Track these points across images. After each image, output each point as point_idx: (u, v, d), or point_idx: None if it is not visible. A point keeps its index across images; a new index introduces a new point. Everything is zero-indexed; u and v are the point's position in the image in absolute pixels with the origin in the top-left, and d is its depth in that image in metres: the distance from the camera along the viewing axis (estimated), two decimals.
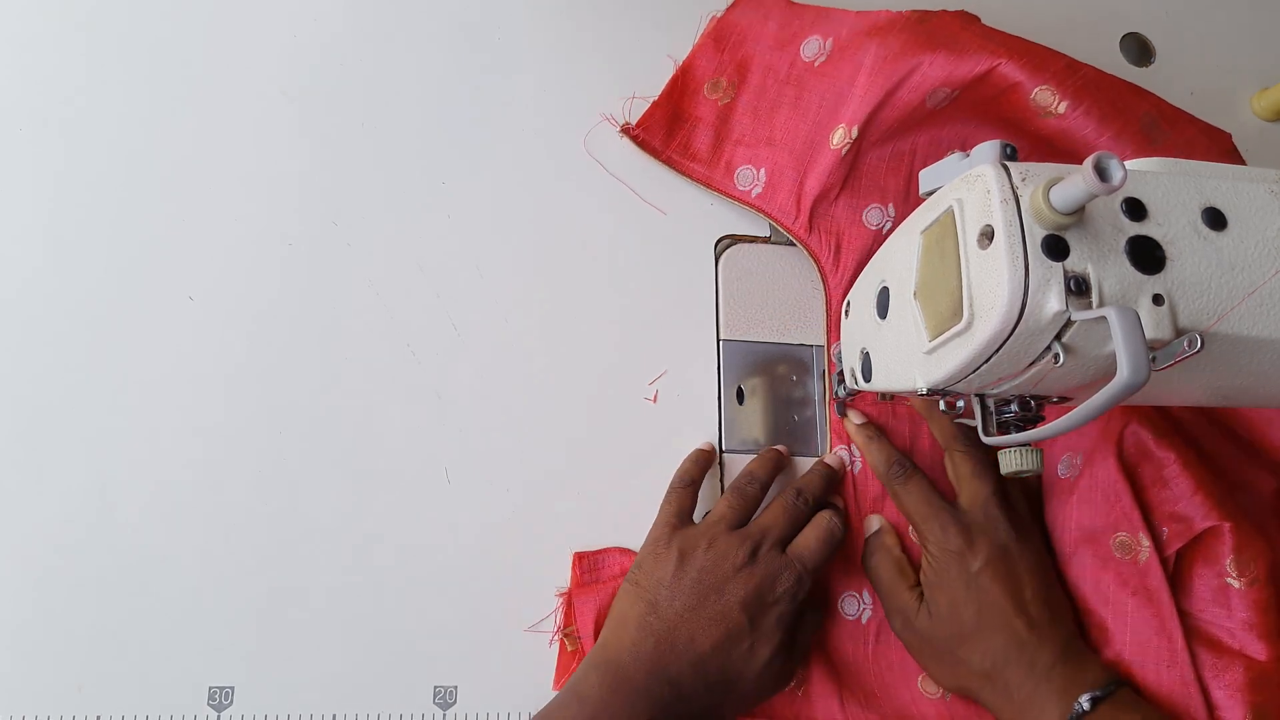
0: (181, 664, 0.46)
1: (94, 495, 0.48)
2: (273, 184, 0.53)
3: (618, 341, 0.54)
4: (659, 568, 0.47)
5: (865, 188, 0.56)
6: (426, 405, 0.51)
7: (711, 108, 0.58)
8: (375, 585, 0.49)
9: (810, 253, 0.55)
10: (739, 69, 0.58)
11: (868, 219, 0.55)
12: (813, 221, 0.55)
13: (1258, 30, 0.68)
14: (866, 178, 0.56)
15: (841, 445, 0.54)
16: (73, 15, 0.53)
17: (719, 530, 0.48)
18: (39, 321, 0.49)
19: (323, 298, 0.52)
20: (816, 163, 0.55)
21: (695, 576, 0.46)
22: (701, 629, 0.45)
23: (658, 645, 0.45)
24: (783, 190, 0.55)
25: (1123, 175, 0.32)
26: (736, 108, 0.58)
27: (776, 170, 0.56)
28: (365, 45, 0.56)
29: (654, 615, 0.45)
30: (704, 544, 0.47)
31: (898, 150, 0.56)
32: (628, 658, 0.44)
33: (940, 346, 0.39)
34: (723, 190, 0.57)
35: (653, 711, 0.43)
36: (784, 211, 0.55)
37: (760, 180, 0.56)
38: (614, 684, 0.43)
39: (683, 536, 0.48)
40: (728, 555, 0.47)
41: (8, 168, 0.51)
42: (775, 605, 0.46)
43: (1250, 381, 0.41)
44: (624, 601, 0.47)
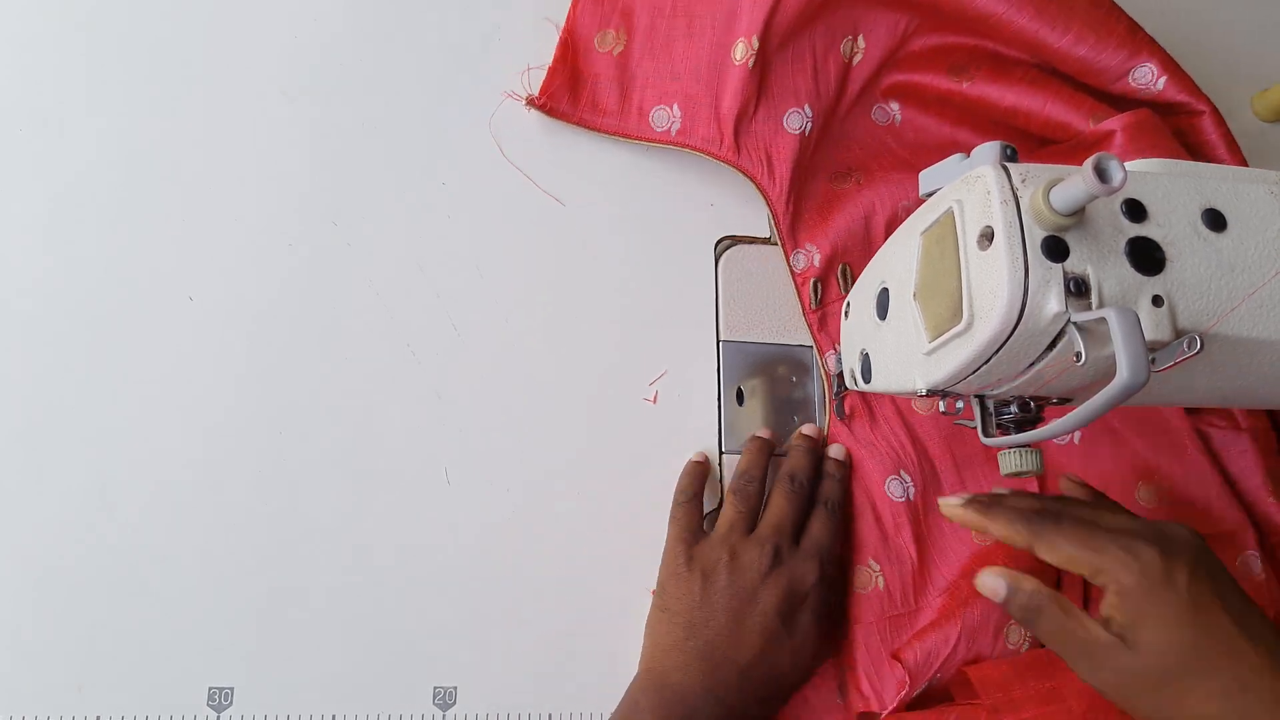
0: (181, 664, 0.46)
1: (94, 495, 0.48)
2: (273, 184, 0.53)
3: (618, 342, 0.54)
4: (686, 590, 0.47)
5: (779, 94, 0.55)
6: (426, 405, 0.51)
7: (607, 60, 0.57)
8: (375, 585, 0.49)
9: (744, 172, 0.55)
10: (623, 15, 0.57)
11: (789, 124, 0.55)
12: (738, 141, 0.55)
13: (1258, 30, 0.68)
14: (777, 84, 0.55)
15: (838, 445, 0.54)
16: (73, 15, 0.53)
17: (735, 539, 0.48)
18: (39, 322, 0.49)
19: (323, 298, 0.52)
20: (726, 84, 0.54)
21: (726, 592, 0.46)
22: (743, 642, 0.45)
23: (702, 665, 0.45)
24: (701, 120, 0.55)
25: (1123, 176, 0.32)
26: (632, 53, 0.57)
27: (689, 102, 0.55)
28: (365, 45, 0.56)
29: (692, 638, 0.45)
30: (725, 557, 0.47)
31: (798, 50, 0.56)
32: (675, 680, 0.45)
33: (940, 347, 0.39)
34: (641, 137, 0.56)
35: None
36: (708, 140, 0.55)
37: (676, 117, 0.55)
38: (664, 706, 0.44)
39: (701, 553, 0.48)
40: (752, 565, 0.47)
41: (8, 168, 0.51)
42: (806, 601, 0.47)
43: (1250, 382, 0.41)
44: (659, 629, 0.47)
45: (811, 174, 0.57)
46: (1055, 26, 0.54)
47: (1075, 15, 0.54)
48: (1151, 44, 0.55)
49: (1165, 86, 0.55)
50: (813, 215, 0.56)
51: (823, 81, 0.56)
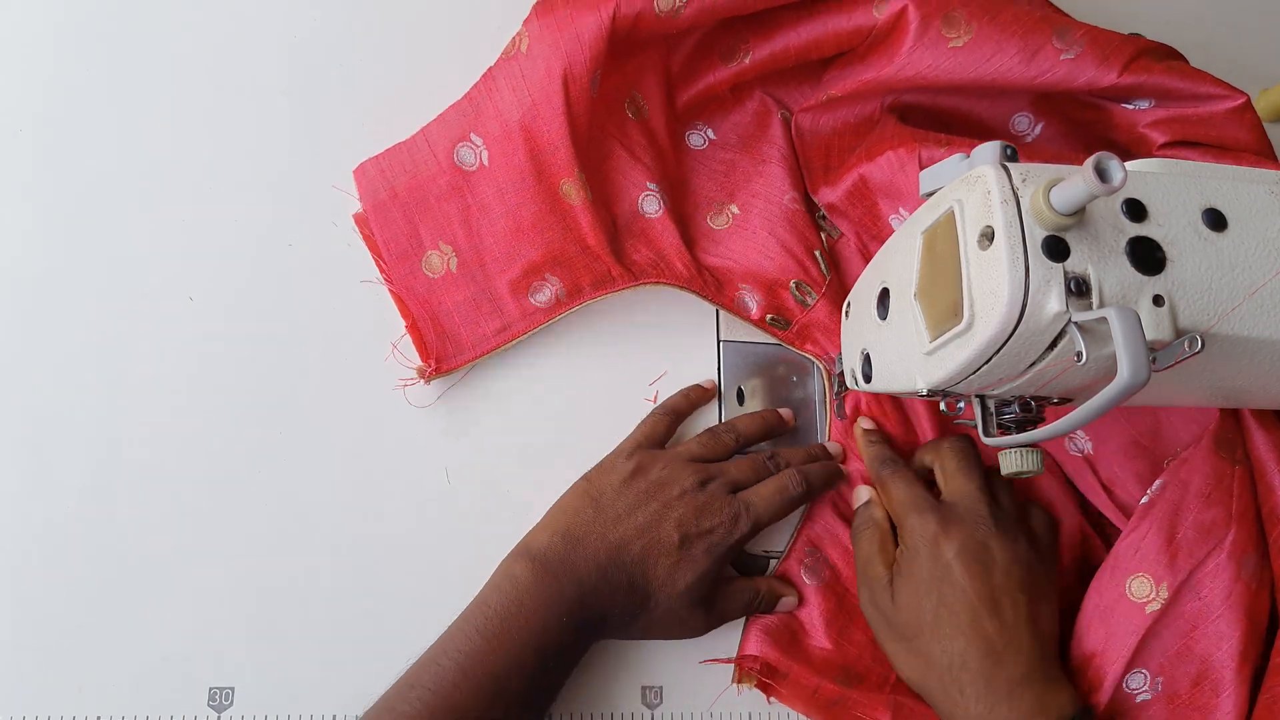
0: (181, 664, 0.46)
1: (94, 495, 0.48)
2: (273, 184, 0.53)
3: (618, 341, 0.54)
4: (612, 472, 0.49)
5: (623, 193, 0.54)
6: (427, 405, 0.51)
7: (450, 280, 0.52)
8: (375, 586, 0.49)
9: (652, 284, 0.52)
10: (432, 229, 0.52)
11: (648, 210, 0.54)
12: (624, 264, 0.52)
13: (1258, 30, 0.68)
14: (612, 189, 0.54)
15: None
16: (73, 15, 0.53)
17: (679, 457, 0.49)
18: (39, 322, 0.49)
19: (323, 298, 0.52)
20: (580, 223, 0.52)
21: (643, 488, 0.48)
22: (635, 534, 0.46)
23: (590, 535, 0.46)
24: (580, 270, 0.52)
25: (1123, 176, 0.32)
26: (468, 257, 0.52)
27: (557, 264, 0.52)
28: (366, 45, 0.56)
29: (594, 509, 0.47)
30: (660, 464, 0.49)
31: (607, 148, 0.54)
32: (560, 541, 0.46)
33: (941, 347, 0.39)
34: (535, 325, 0.52)
35: (580, 594, 0.45)
36: (598, 283, 0.52)
37: (555, 283, 0.52)
38: (545, 565, 0.45)
39: (644, 453, 0.50)
40: (677, 478, 0.48)
41: (8, 169, 0.51)
42: (708, 534, 0.47)
43: (1251, 382, 0.41)
44: (569, 495, 0.49)
45: (695, 232, 0.56)
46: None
47: None
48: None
49: None
50: (723, 262, 0.55)
51: (640, 153, 0.54)
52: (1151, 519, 0.46)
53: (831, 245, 0.57)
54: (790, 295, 0.55)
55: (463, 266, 0.52)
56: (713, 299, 0.54)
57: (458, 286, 0.52)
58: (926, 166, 0.49)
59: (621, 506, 0.47)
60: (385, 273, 0.52)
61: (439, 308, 0.52)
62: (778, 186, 0.56)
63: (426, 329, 0.51)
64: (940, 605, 0.44)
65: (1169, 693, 0.45)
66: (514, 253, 0.52)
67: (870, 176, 0.54)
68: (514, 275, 0.52)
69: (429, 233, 0.52)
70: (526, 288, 0.52)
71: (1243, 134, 0.51)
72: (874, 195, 0.54)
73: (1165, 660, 0.45)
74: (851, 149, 0.56)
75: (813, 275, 0.55)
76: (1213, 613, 0.45)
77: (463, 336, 0.52)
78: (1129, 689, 0.46)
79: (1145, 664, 0.46)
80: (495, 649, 0.43)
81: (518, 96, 0.51)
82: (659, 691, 0.50)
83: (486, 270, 0.52)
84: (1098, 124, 0.54)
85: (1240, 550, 0.45)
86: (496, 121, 0.51)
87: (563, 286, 0.52)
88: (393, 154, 0.52)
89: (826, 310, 0.54)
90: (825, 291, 0.55)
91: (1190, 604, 0.45)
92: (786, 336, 0.55)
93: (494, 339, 0.52)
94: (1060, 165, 0.38)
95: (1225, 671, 0.44)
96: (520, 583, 0.44)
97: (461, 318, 0.52)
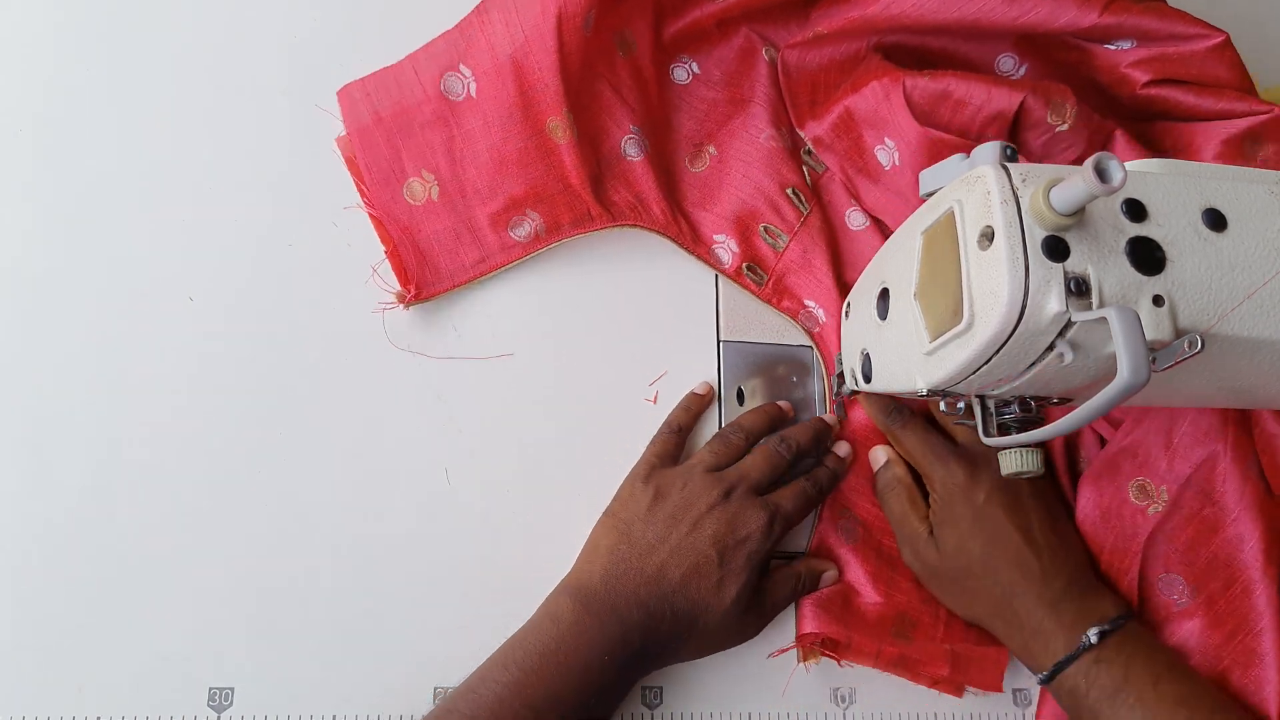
0: (181, 665, 0.46)
1: (94, 495, 0.48)
2: (273, 184, 0.53)
3: (618, 341, 0.54)
4: (635, 502, 0.48)
5: (607, 135, 0.54)
6: (427, 405, 0.51)
7: (431, 209, 0.52)
8: (375, 586, 0.49)
9: (629, 226, 0.54)
10: (416, 157, 0.52)
11: (630, 153, 0.54)
12: (604, 205, 0.53)
13: (1258, 30, 0.68)
14: (599, 129, 0.54)
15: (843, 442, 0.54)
16: (73, 15, 0.53)
17: (697, 471, 0.49)
18: (39, 322, 0.49)
19: (323, 298, 0.52)
20: (564, 162, 0.52)
21: (669, 511, 0.47)
22: (672, 560, 0.46)
23: (628, 571, 0.46)
24: (560, 207, 0.53)
25: (1123, 176, 0.32)
26: (450, 187, 0.52)
27: (540, 200, 0.53)
28: (366, 45, 0.56)
29: (626, 544, 0.47)
30: (680, 483, 0.48)
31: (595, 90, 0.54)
32: (599, 582, 0.46)
33: (940, 347, 0.39)
34: (512, 259, 0.53)
35: (624, 632, 0.44)
36: (578, 222, 0.53)
37: (535, 218, 0.53)
38: (585, 605, 0.45)
39: (661, 475, 0.49)
40: (701, 494, 0.48)
41: (8, 169, 0.51)
42: (745, 543, 0.47)
43: (1251, 382, 0.41)
44: (598, 532, 0.49)
45: (675, 177, 0.57)
46: None
47: None
48: None
49: None
50: (700, 209, 0.56)
51: (626, 93, 0.54)
52: (1147, 424, 0.48)
53: (816, 180, 0.58)
54: (763, 240, 0.55)
55: (444, 195, 0.52)
56: (688, 248, 0.55)
57: (438, 215, 0.52)
58: (910, 96, 0.52)
59: (653, 535, 0.47)
60: (366, 196, 0.52)
61: (419, 234, 0.52)
62: (756, 125, 0.57)
63: (407, 254, 0.52)
64: (987, 545, 0.47)
65: (1207, 599, 0.48)
66: (496, 186, 0.52)
67: (855, 108, 0.55)
68: (495, 208, 0.53)
69: (412, 160, 0.52)
70: (506, 221, 0.53)
71: (1223, 71, 0.52)
72: (859, 127, 0.55)
73: (1197, 568, 0.48)
74: (837, 84, 0.57)
75: (785, 215, 0.56)
76: (1229, 515, 0.48)
77: (441, 265, 0.52)
78: (1169, 598, 0.49)
79: (1180, 570, 0.49)
80: (534, 683, 0.43)
81: (510, 31, 0.51)
82: (659, 692, 0.50)
83: (468, 201, 0.53)
84: (1081, 65, 0.55)
85: (1244, 453, 0.48)
86: (487, 55, 0.52)
87: (542, 222, 0.53)
88: (378, 78, 0.52)
89: (799, 251, 0.55)
90: (797, 231, 0.55)
91: (1207, 510, 0.48)
92: (763, 294, 0.55)
93: (472, 269, 0.53)
94: (1060, 165, 0.38)
95: (1253, 572, 0.47)
96: (562, 622, 0.44)
97: (441, 246, 0.52)
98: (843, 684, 0.51)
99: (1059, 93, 0.52)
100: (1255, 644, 0.46)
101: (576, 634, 0.44)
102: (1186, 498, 0.49)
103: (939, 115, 0.53)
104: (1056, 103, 0.52)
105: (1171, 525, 0.49)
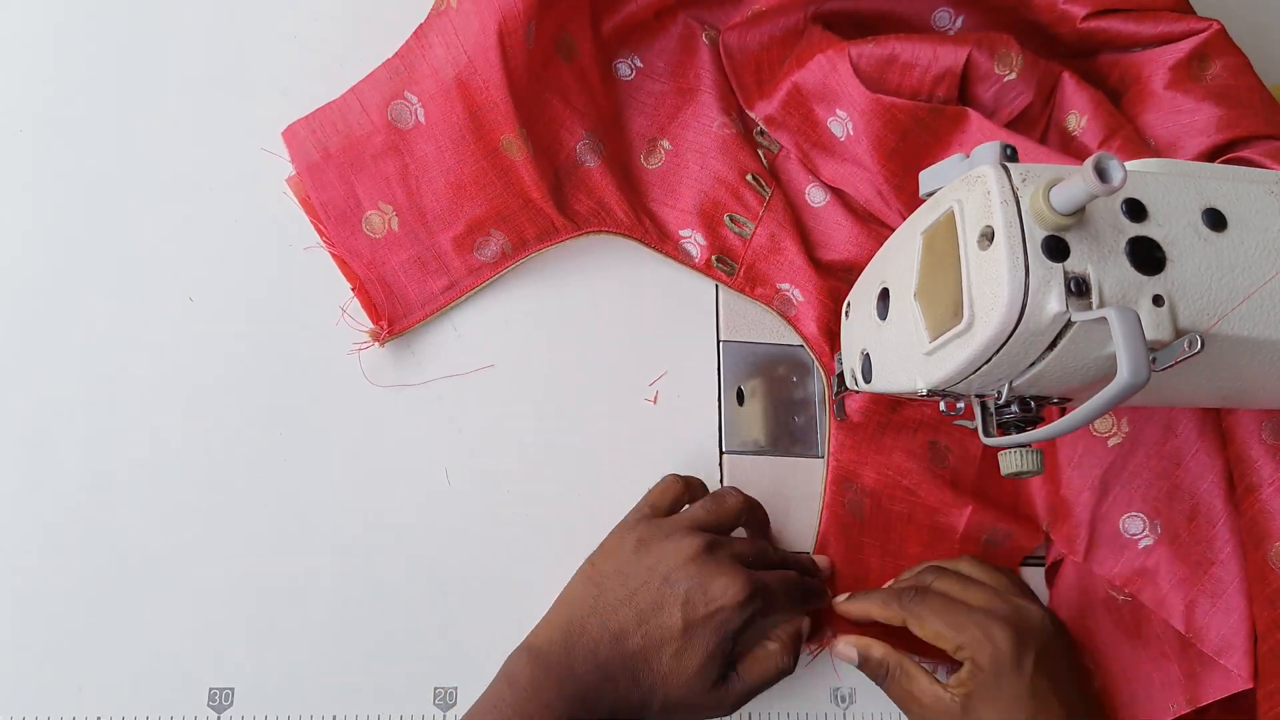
0: (181, 665, 0.46)
1: (94, 495, 0.48)
2: (273, 184, 0.53)
3: (618, 341, 0.54)
4: (617, 552, 0.46)
5: (560, 145, 0.54)
6: (427, 405, 0.51)
7: (393, 240, 0.51)
8: (375, 586, 0.49)
9: (594, 233, 0.53)
10: (371, 190, 0.52)
11: (586, 160, 0.54)
12: (567, 215, 0.53)
13: (1258, 30, 0.68)
14: (552, 140, 0.54)
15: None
16: (73, 15, 0.53)
17: (684, 526, 0.46)
18: (39, 322, 0.49)
19: (323, 298, 0.52)
20: (522, 178, 0.52)
21: (646, 565, 0.44)
22: (632, 621, 0.43)
23: (589, 628, 0.43)
24: (525, 224, 0.53)
25: (1122, 176, 0.32)
26: (409, 216, 0.52)
27: (501, 219, 0.52)
28: (366, 45, 0.56)
29: (594, 598, 0.44)
30: (663, 534, 0.46)
31: (543, 100, 0.53)
32: (559, 639, 0.43)
33: (940, 347, 0.39)
34: (481, 280, 0.52)
35: (582, 693, 0.42)
36: (543, 235, 0.53)
37: (500, 237, 0.52)
38: (543, 666, 0.42)
39: (646, 526, 0.47)
40: (682, 548, 0.44)
41: (8, 169, 0.51)
42: (716, 613, 0.43)
43: (1250, 382, 0.41)
44: (574, 581, 0.46)
45: (634, 177, 0.57)
46: None
47: None
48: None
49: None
50: (663, 205, 0.56)
51: (574, 99, 0.54)
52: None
53: (772, 161, 0.58)
54: (729, 230, 0.56)
55: (404, 225, 0.52)
56: (655, 246, 0.55)
57: (401, 246, 0.52)
58: (857, 65, 0.52)
59: (623, 591, 0.44)
60: (325, 235, 0.51)
61: (384, 268, 0.51)
62: (707, 114, 0.57)
63: (375, 290, 0.51)
64: (1036, 714, 0.44)
65: (1170, 533, 0.48)
66: (456, 210, 0.52)
67: (803, 83, 0.55)
68: (457, 232, 0.52)
69: (367, 193, 0.52)
70: (471, 244, 0.52)
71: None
72: (809, 102, 0.56)
73: (1158, 501, 0.48)
74: (781, 61, 0.57)
75: (748, 202, 0.56)
76: (1190, 447, 0.48)
77: (410, 296, 0.52)
78: (1130, 535, 0.49)
79: (1140, 508, 0.48)
80: None
81: (452, 53, 0.50)
82: None
83: (429, 228, 0.52)
84: (1019, 7, 0.55)
85: None
86: (432, 79, 0.51)
87: (508, 240, 0.53)
88: (322, 114, 0.52)
89: (766, 235, 0.55)
90: (762, 217, 0.55)
91: (1169, 442, 0.48)
92: (736, 283, 0.55)
93: (442, 297, 0.52)
94: (1060, 165, 0.38)
95: (1215, 502, 0.47)
96: (518, 685, 0.42)
97: (408, 277, 0.52)
98: (842, 684, 0.51)
99: (1003, 43, 0.52)
100: (1221, 574, 0.47)
101: (531, 698, 0.41)
102: (1148, 432, 0.48)
103: (888, 80, 0.53)
104: (1002, 53, 0.53)
105: (1134, 464, 0.48)
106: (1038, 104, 0.55)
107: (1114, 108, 0.54)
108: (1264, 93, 0.53)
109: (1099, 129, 0.53)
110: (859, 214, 0.58)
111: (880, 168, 0.54)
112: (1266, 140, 0.50)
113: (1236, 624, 0.46)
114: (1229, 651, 0.46)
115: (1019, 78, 0.52)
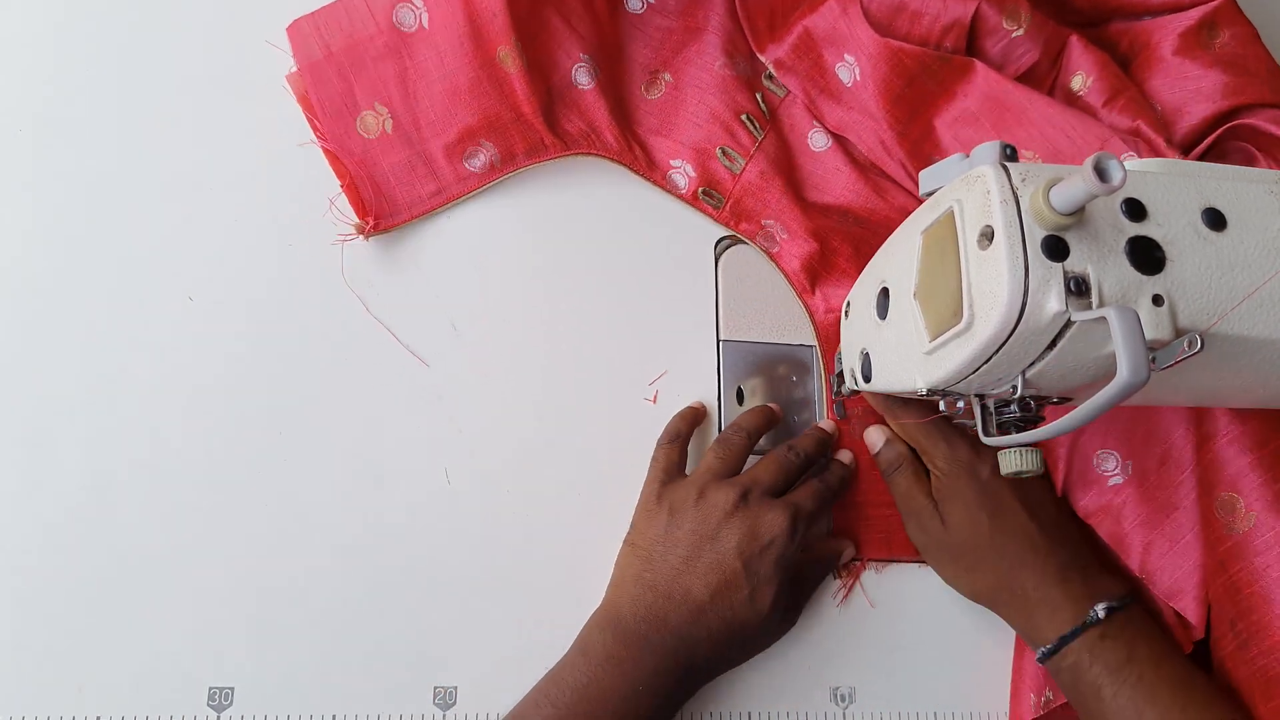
0: (181, 664, 0.46)
1: (94, 495, 0.48)
2: (273, 184, 0.53)
3: (618, 341, 0.54)
4: (652, 526, 0.48)
5: (557, 64, 0.54)
6: (427, 405, 0.51)
7: (386, 142, 0.52)
8: (375, 585, 0.49)
9: (583, 154, 0.54)
10: (368, 90, 0.52)
11: (581, 82, 0.54)
12: (557, 134, 0.53)
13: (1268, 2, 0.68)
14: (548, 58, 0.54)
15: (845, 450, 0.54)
16: (73, 15, 0.53)
17: (707, 480, 0.48)
18: (39, 322, 0.49)
19: (323, 299, 0.52)
20: (515, 91, 0.53)
21: (689, 529, 0.47)
22: (698, 579, 0.45)
23: (656, 598, 0.45)
24: (514, 138, 0.54)
25: (1122, 176, 0.32)
26: (403, 119, 0.53)
27: (492, 129, 0.53)
28: None
29: (650, 570, 0.46)
30: (694, 496, 0.48)
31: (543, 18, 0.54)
32: (627, 612, 0.45)
33: (940, 347, 0.39)
34: (468, 189, 0.53)
35: (659, 661, 0.44)
36: (531, 151, 0.54)
37: (489, 149, 0.53)
38: (617, 638, 0.45)
39: (672, 491, 0.49)
40: (718, 504, 0.47)
41: (8, 169, 0.51)
42: (770, 548, 0.46)
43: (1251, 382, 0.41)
44: (622, 562, 0.48)
45: (630, 105, 0.57)
46: None
47: None
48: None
49: None
50: (656, 135, 0.57)
51: (576, 22, 0.55)
52: None
53: (778, 105, 0.58)
54: (720, 163, 0.56)
55: (398, 128, 0.53)
56: (643, 174, 0.55)
57: (393, 148, 0.53)
58: (869, 9, 0.53)
59: (675, 558, 0.46)
60: (319, 131, 0.52)
61: (374, 168, 0.52)
62: (710, 54, 0.57)
63: (364, 187, 0.52)
64: (993, 518, 0.48)
65: (1139, 473, 0.50)
66: (449, 117, 0.53)
67: (814, 27, 0.55)
68: (449, 139, 0.53)
69: (364, 93, 0.52)
70: (461, 152, 0.53)
71: None
72: (819, 46, 0.56)
73: (1135, 443, 0.50)
74: (795, 6, 0.57)
75: (740, 140, 0.56)
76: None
77: (398, 197, 0.53)
78: (1102, 471, 0.51)
79: (1115, 446, 0.50)
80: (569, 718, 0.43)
81: None
82: None
83: (421, 133, 0.53)
84: None
85: None
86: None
87: (497, 153, 0.53)
88: (328, 12, 0.53)
89: (756, 172, 0.56)
90: (754, 154, 0.56)
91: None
92: (722, 217, 0.56)
93: (429, 201, 0.53)
94: (1060, 165, 0.38)
95: (1186, 450, 0.48)
96: (594, 657, 0.44)
97: (397, 179, 0.53)
98: (843, 684, 0.51)
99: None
100: (1183, 519, 0.48)
101: (610, 668, 0.44)
102: None
103: (897, 27, 0.54)
104: (1011, 9, 0.53)
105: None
106: (1044, 63, 0.55)
107: (1120, 70, 0.55)
108: (1271, 63, 0.53)
109: (1103, 90, 0.53)
110: (860, 163, 0.58)
111: (885, 113, 0.54)
112: (1271, 108, 0.51)
113: (1190, 569, 0.47)
114: (1179, 595, 0.47)
115: (1026, 35, 0.53)
